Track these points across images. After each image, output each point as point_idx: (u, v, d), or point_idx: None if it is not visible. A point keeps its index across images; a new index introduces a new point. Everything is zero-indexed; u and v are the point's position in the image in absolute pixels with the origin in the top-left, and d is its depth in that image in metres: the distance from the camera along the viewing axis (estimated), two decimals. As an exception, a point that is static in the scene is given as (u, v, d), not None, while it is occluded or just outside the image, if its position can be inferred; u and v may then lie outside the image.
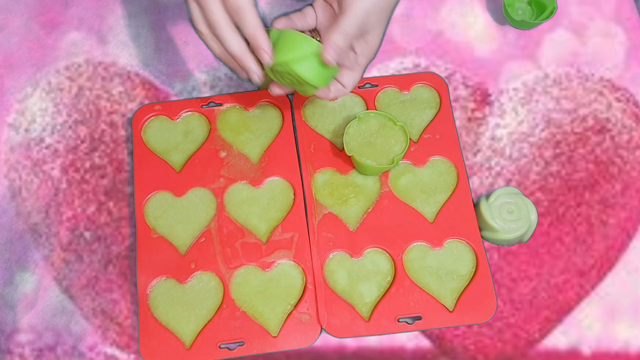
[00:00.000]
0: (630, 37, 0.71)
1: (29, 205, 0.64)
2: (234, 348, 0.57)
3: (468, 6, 0.72)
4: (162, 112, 0.66)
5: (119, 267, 0.62)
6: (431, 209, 0.62)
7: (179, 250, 0.60)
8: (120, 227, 0.63)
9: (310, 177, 0.63)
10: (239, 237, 0.61)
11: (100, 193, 0.64)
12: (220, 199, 0.62)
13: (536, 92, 0.68)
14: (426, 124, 0.65)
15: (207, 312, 0.59)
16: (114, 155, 0.66)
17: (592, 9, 0.72)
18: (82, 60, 0.70)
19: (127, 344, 0.60)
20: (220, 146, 0.64)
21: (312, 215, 0.62)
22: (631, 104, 0.68)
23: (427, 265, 0.60)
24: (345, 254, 0.61)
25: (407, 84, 0.67)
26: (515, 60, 0.70)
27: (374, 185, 0.63)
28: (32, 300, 0.61)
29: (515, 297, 0.61)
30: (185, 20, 0.71)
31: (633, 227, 0.63)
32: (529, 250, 0.63)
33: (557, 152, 0.66)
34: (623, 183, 0.65)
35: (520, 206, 0.61)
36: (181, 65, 0.69)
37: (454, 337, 0.60)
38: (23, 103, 0.68)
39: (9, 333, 0.60)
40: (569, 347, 0.60)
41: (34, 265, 0.62)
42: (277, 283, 0.60)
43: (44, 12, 0.71)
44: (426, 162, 0.64)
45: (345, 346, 0.60)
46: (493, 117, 0.67)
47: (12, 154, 0.66)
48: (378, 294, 0.59)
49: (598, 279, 0.62)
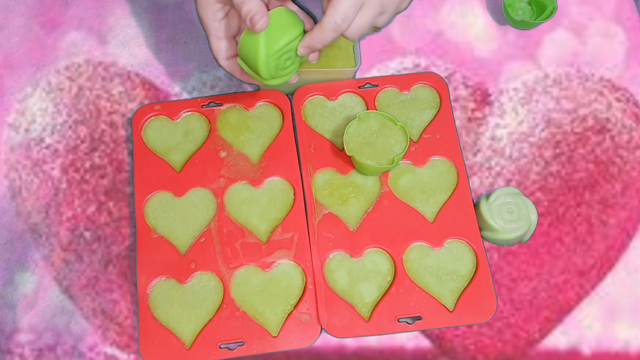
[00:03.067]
0: (630, 37, 0.71)
1: (29, 205, 0.64)
2: (234, 348, 0.57)
3: (468, 6, 0.72)
4: (162, 112, 0.66)
5: (119, 267, 0.62)
6: (431, 209, 0.62)
7: (179, 250, 0.60)
8: (120, 227, 0.63)
9: (310, 177, 0.63)
10: (239, 237, 0.61)
11: (100, 193, 0.64)
12: (220, 199, 0.62)
13: (536, 92, 0.68)
14: (426, 124, 0.65)
15: (207, 312, 0.59)
16: (114, 155, 0.66)
17: (592, 9, 0.72)
18: (82, 60, 0.70)
19: (127, 344, 0.60)
20: (220, 146, 0.64)
21: (312, 215, 0.62)
22: (631, 104, 0.68)
23: (427, 265, 0.60)
24: (345, 254, 0.61)
25: (407, 84, 0.67)
26: (515, 60, 0.70)
27: (374, 185, 0.63)
28: (32, 300, 0.61)
29: (515, 297, 0.61)
30: (185, 20, 0.71)
31: (633, 227, 0.63)
32: (529, 250, 0.63)
33: (557, 152, 0.66)
34: (623, 183, 0.65)
35: (520, 206, 0.61)
36: (181, 65, 0.69)
37: (454, 337, 0.60)
38: (23, 103, 0.68)
39: (9, 333, 0.60)
40: (569, 347, 0.60)
41: (34, 265, 0.62)
42: (277, 283, 0.60)
43: (44, 12, 0.71)
44: (426, 162, 0.64)
45: (345, 346, 0.60)
46: (493, 117, 0.67)
47: (12, 154, 0.66)
48: (378, 294, 0.59)
49: (598, 279, 0.62)
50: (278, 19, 0.55)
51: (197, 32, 0.71)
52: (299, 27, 0.56)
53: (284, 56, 0.56)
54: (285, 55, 0.56)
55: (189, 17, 0.71)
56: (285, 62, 0.57)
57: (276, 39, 0.54)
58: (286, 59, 0.56)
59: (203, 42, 0.70)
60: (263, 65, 0.55)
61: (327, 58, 0.66)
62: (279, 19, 0.55)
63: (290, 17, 0.56)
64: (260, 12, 0.52)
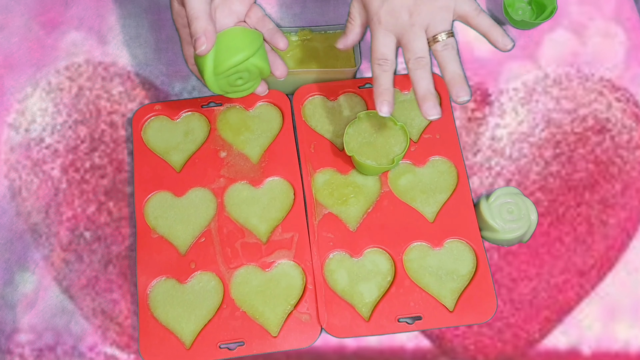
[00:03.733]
0: (630, 37, 0.71)
1: (29, 205, 0.64)
2: (234, 348, 0.57)
3: (468, 6, 0.72)
4: (162, 112, 0.66)
5: (119, 267, 0.62)
6: (431, 209, 0.62)
7: (179, 250, 0.60)
8: (120, 227, 0.63)
9: (310, 177, 0.63)
10: (239, 237, 0.61)
11: (100, 193, 0.64)
12: (220, 199, 0.62)
13: (536, 92, 0.68)
14: (426, 124, 0.65)
15: (207, 312, 0.59)
16: (114, 155, 0.66)
17: (592, 9, 0.72)
18: (82, 60, 0.70)
19: (127, 344, 0.60)
20: (220, 146, 0.64)
21: (312, 215, 0.62)
22: (631, 104, 0.68)
23: (427, 265, 0.60)
24: (345, 254, 0.61)
25: (407, 84, 0.67)
26: (515, 60, 0.70)
27: (374, 185, 0.63)
28: (32, 300, 0.61)
29: (515, 297, 0.61)
30: (185, 20, 0.71)
31: (633, 227, 0.63)
32: (529, 250, 0.63)
33: (557, 152, 0.66)
34: (623, 183, 0.65)
35: (520, 206, 0.61)
36: (181, 65, 0.69)
37: (454, 337, 0.60)
38: (23, 103, 0.68)
39: (9, 333, 0.60)
40: (569, 347, 0.60)
41: (34, 265, 0.62)
42: (277, 283, 0.60)
43: (44, 12, 0.71)
44: (426, 162, 0.64)
45: (345, 346, 0.60)
46: (493, 117, 0.67)
47: (12, 154, 0.66)
48: (378, 294, 0.59)
49: (598, 279, 0.62)
50: (230, 39, 0.55)
51: (197, 32, 0.71)
52: (253, 47, 0.55)
53: (234, 76, 0.56)
54: (236, 75, 0.56)
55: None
56: (237, 80, 0.57)
57: (224, 59, 0.54)
58: (237, 77, 0.57)
59: (203, 42, 0.70)
60: (211, 83, 0.56)
61: (327, 58, 0.66)
62: (231, 39, 0.55)
63: (245, 37, 0.55)
64: (205, 35, 0.52)
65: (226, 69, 0.55)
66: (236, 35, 0.55)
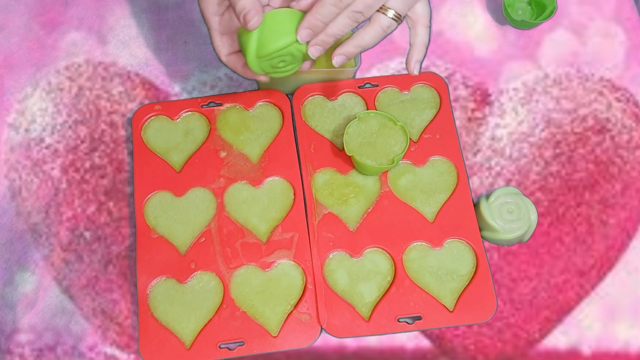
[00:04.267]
0: (630, 37, 0.71)
1: (29, 205, 0.64)
2: (234, 348, 0.57)
3: (468, 6, 0.72)
4: (162, 112, 0.66)
5: (119, 267, 0.62)
6: (431, 209, 0.62)
7: (179, 250, 0.60)
8: (120, 227, 0.63)
9: (310, 177, 0.63)
10: (239, 237, 0.61)
11: (100, 193, 0.64)
12: (220, 199, 0.62)
13: (536, 92, 0.68)
14: (426, 124, 0.65)
15: (207, 312, 0.59)
16: (114, 155, 0.66)
17: (592, 9, 0.72)
18: (82, 60, 0.70)
19: (127, 344, 0.60)
20: (220, 146, 0.64)
21: (312, 215, 0.62)
22: (631, 104, 0.68)
23: (427, 265, 0.60)
24: (345, 254, 0.61)
25: (407, 84, 0.67)
26: (515, 60, 0.70)
27: (374, 185, 0.63)
28: (32, 300, 0.61)
29: (515, 297, 0.61)
30: (185, 20, 0.71)
31: (633, 227, 0.63)
32: (529, 250, 0.63)
33: (557, 152, 0.66)
34: (623, 183, 0.65)
35: (520, 206, 0.61)
36: (181, 65, 0.69)
37: (454, 337, 0.60)
38: (23, 103, 0.68)
39: (9, 333, 0.60)
40: (569, 347, 0.60)
41: (34, 265, 0.62)
42: (277, 283, 0.60)
43: (44, 12, 0.71)
44: (426, 162, 0.64)
45: (345, 346, 0.60)
46: (493, 117, 0.67)
47: (12, 154, 0.66)
48: (378, 294, 0.59)
49: (598, 279, 0.62)
50: (276, 21, 0.51)
51: (197, 32, 0.71)
52: None
53: (276, 59, 0.53)
54: (279, 59, 0.53)
55: (189, 17, 0.71)
56: (279, 63, 0.54)
57: (268, 42, 0.51)
58: (280, 61, 0.53)
59: (203, 42, 0.70)
60: (253, 65, 0.53)
61: (328, 58, 0.66)
62: (277, 21, 0.51)
63: (292, 19, 0.51)
64: (254, 10, 0.49)
65: (270, 52, 0.51)
66: (283, 17, 0.51)
